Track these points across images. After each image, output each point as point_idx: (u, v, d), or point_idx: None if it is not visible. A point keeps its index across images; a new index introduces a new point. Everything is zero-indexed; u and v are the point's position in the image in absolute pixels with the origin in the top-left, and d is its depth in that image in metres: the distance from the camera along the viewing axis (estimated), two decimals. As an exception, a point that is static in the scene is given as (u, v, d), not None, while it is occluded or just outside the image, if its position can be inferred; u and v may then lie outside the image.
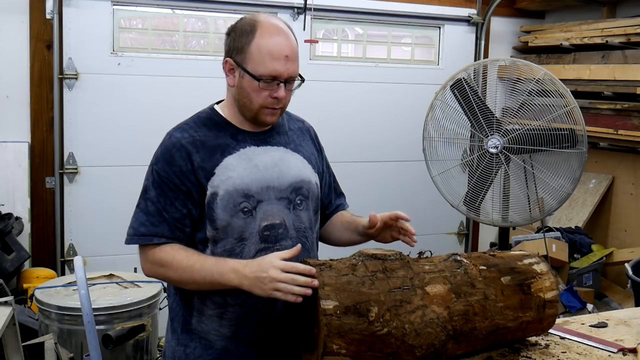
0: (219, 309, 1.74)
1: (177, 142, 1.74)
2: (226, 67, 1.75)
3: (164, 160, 1.73)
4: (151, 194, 1.73)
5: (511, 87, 3.64)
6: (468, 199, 3.75)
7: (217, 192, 1.70)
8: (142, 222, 1.72)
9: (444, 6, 4.84)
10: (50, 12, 3.80)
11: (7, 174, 3.83)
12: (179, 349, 1.81)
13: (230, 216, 1.70)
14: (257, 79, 1.68)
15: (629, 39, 4.09)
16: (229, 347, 1.75)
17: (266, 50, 1.67)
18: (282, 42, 1.69)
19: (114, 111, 4.05)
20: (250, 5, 4.28)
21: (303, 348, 1.65)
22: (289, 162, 1.80)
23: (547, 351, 1.77)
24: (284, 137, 1.84)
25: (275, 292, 1.54)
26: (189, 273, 1.66)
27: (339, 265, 1.57)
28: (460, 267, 1.69)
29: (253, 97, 1.71)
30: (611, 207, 4.63)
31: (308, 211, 1.81)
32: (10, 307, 2.34)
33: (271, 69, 1.67)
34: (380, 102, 4.73)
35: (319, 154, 1.95)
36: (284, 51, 1.68)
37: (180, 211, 1.71)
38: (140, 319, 3.11)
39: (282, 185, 1.76)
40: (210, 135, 1.76)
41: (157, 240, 1.71)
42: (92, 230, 4.04)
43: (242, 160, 1.74)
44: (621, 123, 4.12)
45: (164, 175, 1.72)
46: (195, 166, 1.71)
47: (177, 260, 1.68)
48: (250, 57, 1.68)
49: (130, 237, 1.75)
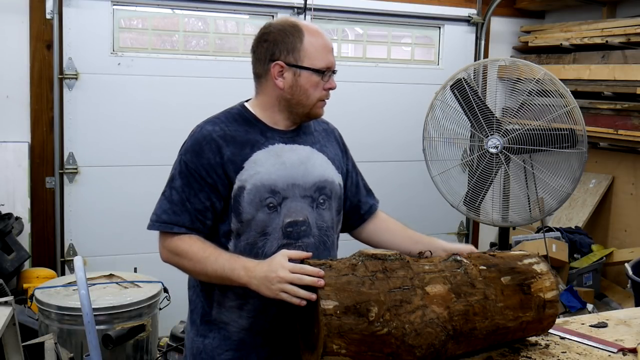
0: (239, 300, 1.77)
1: (207, 135, 1.77)
2: (274, 70, 1.78)
3: (192, 152, 1.76)
4: (177, 183, 1.76)
5: (511, 87, 3.64)
6: (468, 199, 3.75)
7: (245, 186, 1.75)
8: (165, 209, 1.76)
9: (444, 6, 4.84)
10: (50, 12, 3.80)
11: (7, 174, 3.83)
12: (197, 340, 1.85)
13: (255, 210, 1.74)
14: (319, 72, 1.77)
15: (629, 39, 4.09)
16: (246, 339, 1.79)
17: (320, 45, 1.78)
18: (326, 36, 1.82)
19: (114, 111, 4.05)
20: (250, 5, 4.28)
21: (303, 348, 1.65)
22: (314, 162, 1.85)
23: (547, 351, 1.77)
24: (310, 137, 1.89)
25: (281, 294, 1.56)
26: (203, 265, 1.70)
27: (339, 265, 1.58)
28: (460, 267, 1.69)
29: (311, 92, 1.78)
30: (611, 207, 4.63)
31: (330, 211, 1.85)
32: (10, 307, 2.34)
33: (327, 60, 1.78)
34: (380, 102, 4.73)
35: (344, 155, 2.00)
36: (330, 44, 1.82)
37: (203, 203, 1.74)
38: (140, 319, 3.11)
39: (307, 184, 1.80)
40: (241, 131, 1.80)
41: (177, 229, 1.74)
42: (92, 230, 4.04)
43: (270, 156, 1.79)
44: (621, 123, 4.12)
45: (191, 166, 1.75)
46: (225, 159, 1.75)
47: (193, 251, 1.71)
48: (306, 54, 1.76)
49: (152, 223, 1.78)
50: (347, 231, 2.05)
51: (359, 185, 2.04)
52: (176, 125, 4.08)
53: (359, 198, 2.02)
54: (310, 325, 1.59)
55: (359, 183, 2.05)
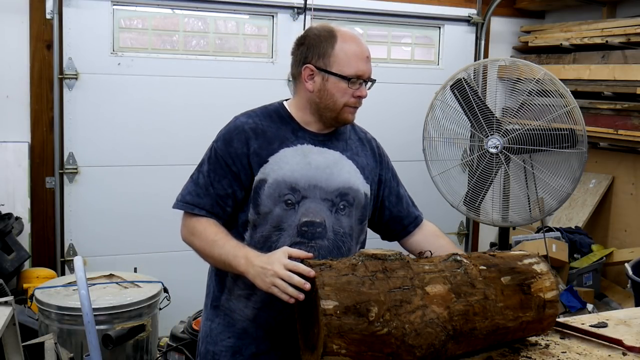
0: (248, 290, 1.82)
1: (240, 125, 1.85)
2: (305, 73, 1.84)
3: (223, 140, 1.84)
4: (204, 167, 1.85)
5: (511, 87, 3.64)
6: (468, 199, 3.75)
7: (267, 179, 1.80)
8: (190, 191, 1.85)
9: (444, 6, 4.84)
10: (50, 12, 3.81)
11: (7, 174, 3.83)
12: (206, 324, 1.93)
13: (273, 204, 1.79)
14: (346, 78, 1.80)
15: (629, 39, 4.09)
16: (249, 329, 1.85)
17: (352, 52, 1.81)
18: (363, 45, 1.84)
19: (114, 111, 4.05)
20: (250, 5, 4.28)
21: (303, 348, 1.65)
22: (341, 168, 1.88)
23: (547, 351, 1.77)
24: (343, 144, 1.92)
25: (272, 288, 1.60)
26: (210, 247, 1.77)
27: (339, 265, 1.58)
28: (460, 267, 1.69)
29: (337, 97, 1.82)
30: (611, 207, 4.63)
31: (350, 218, 1.87)
32: (10, 307, 2.34)
33: (357, 68, 1.81)
34: (380, 102, 4.72)
35: (378, 165, 2.02)
36: (365, 52, 1.83)
37: (226, 190, 1.82)
38: (140, 319, 3.11)
39: (330, 188, 1.83)
40: (273, 127, 1.86)
41: (197, 211, 1.82)
42: (92, 230, 4.04)
43: (297, 154, 1.83)
44: (621, 123, 4.12)
45: (220, 153, 1.83)
46: (251, 151, 1.81)
47: (206, 232, 1.79)
48: (335, 60, 1.80)
49: (176, 202, 1.86)
50: (392, 240, 2.10)
51: (401, 195, 2.07)
52: (176, 125, 4.10)
53: (399, 208, 2.05)
54: (310, 325, 1.59)
55: (400, 193, 2.08)
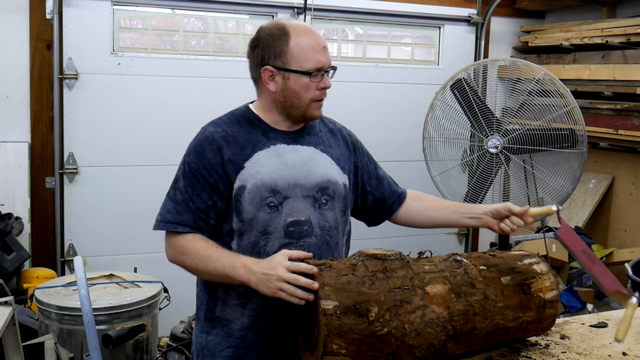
0: (242, 299, 1.79)
1: (209, 135, 1.81)
2: (265, 75, 1.80)
3: (195, 153, 1.80)
4: (180, 183, 1.80)
5: (511, 87, 3.64)
6: (468, 199, 3.75)
7: (246, 185, 1.76)
8: (169, 209, 1.79)
9: (444, 6, 4.84)
10: (50, 12, 3.80)
11: (7, 174, 3.83)
12: (201, 336, 1.88)
13: (256, 209, 1.76)
14: (307, 73, 1.76)
15: (629, 39, 4.09)
16: (247, 336, 1.82)
17: (307, 46, 1.76)
18: (317, 35, 1.80)
19: (114, 111, 4.04)
20: (250, 5, 4.28)
21: (303, 348, 1.65)
22: (317, 162, 1.85)
23: (547, 351, 1.77)
24: (315, 138, 1.90)
25: (279, 292, 1.58)
26: (204, 263, 1.72)
27: (339, 265, 1.58)
28: (460, 267, 1.69)
29: (302, 93, 1.78)
30: (611, 207, 4.63)
31: (334, 211, 1.85)
32: (10, 307, 2.34)
33: (316, 61, 1.76)
34: (380, 102, 4.73)
35: (352, 153, 1.98)
36: (320, 43, 1.79)
37: (206, 202, 1.77)
38: (140, 319, 3.11)
39: (309, 184, 1.81)
40: (243, 132, 1.82)
41: (180, 228, 1.76)
42: (92, 230, 4.04)
43: (271, 156, 1.80)
44: (621, 123, 4.12)
45: (194, 167, 1.78)
46: (225, 159, 1.77)
47: (196, 249, 1.74)
48: (292, 57, 1.76)
49: (157, 223, 1.80)
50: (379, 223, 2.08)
51: (381, 177, 2.04)
52: (176, 125, 4.09)
53: (382, 190, 2.03)
54: (310, 325, 1.59)
55: (380, 175, 2.05)
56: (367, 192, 2.00)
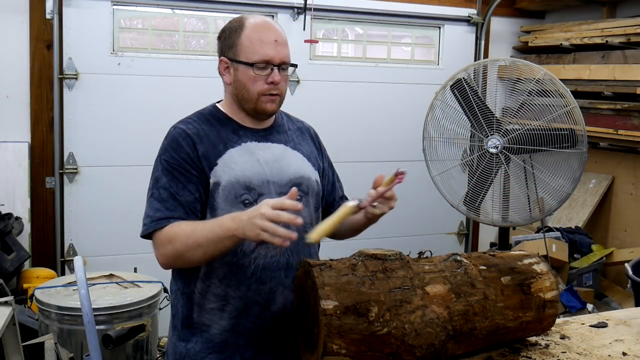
0: (220, 302, 1.76)
1: (182, 131, 1.79)
2: (221, 67, 1.82)
3: (171, 149, 1.77)
4: (162, 181, 1.75)
5: (511, 87, 3.64)
6: (468, 199, 3.75)
7: (220, 182, 1.74)
8: (158, 208, 1.73)
9: (444, 6, 4.84)
10: (50, 12, 3.81)
11: (7, 174, 3.83)
12: (180, 345, 1.83)
13: (230, 206, 1.73)
14: (250, 64, 1.75)
15: (629, 39, 4.09)
16: (229, 340, 1.78)
17: (256, 39, 1.76)
18: (271, 29, 1.78)
19: (114, 111, 4.05)
20: (250, 5, 4.28)
21: (303, 348, 1.65)
22: (288, 159, 1.84)
23: (547, 351, 1.77)
24: (284, 136, 1.89)
25: (262, 233, 1.51)
26: (193, 237, 1.64)
27: (339, 265, 1.57)
28: (460, 267, 1.69)
29: (249, 86, 1.77)
30: (611, 207, 4.63)
31: (308, 207, 1.84)
32: (10, 307, 2.34)
33: (262, 53, 1.75)
34: (380, 102, 4.73)
35: (319, 153, 1.99)
36: (272, 36, 1.77)
37: (193, 194, 1.74)
38: (140, 319, 3.11)
39: (282, 181, 1.79)
40: (213, 130, 1.81)
41: (174, 221, 1.70)
42: (92, 230, 4.04)
43: (244, 153, 1.79)
44: (621, 123, 4.12)
45: (172, 162, 1.75)
46: (200, 154, 1.75)
47: (182, 229, 1.67)
48: (242, 49, 1.77)
49: (147, 226, 1.73)
50: None
51: (335, 185, 2.04)
52: (176, 125, 4.10)
53: (334, 197, 2.02)
54: (310, 325, 1.59)
55: (335, 183, 2.04)
56: (322, 196, 1.96)
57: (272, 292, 1.75)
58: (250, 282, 1.74)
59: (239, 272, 1.74)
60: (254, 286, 1.74)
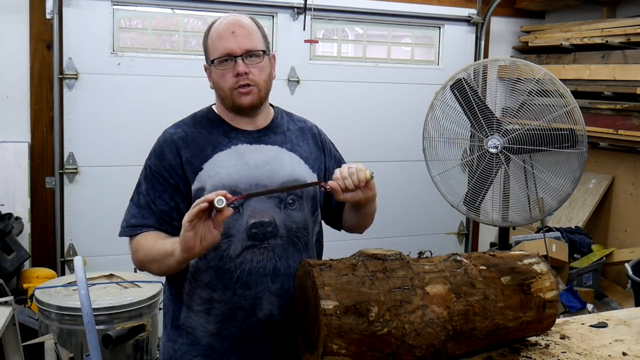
0: (205, 305, 1.76)
1: (168, 137, 1.81)
2: (206, 73, 1.85)
3: (155, 155, 1.81)
4: (143, 187, 1.80)
5: (511, 87, 3.64)
6: (468, 199, 3.75)
7: (205, 187, 1.73)
8: (134, 214, 1.78)
9: (444, 6, 4.84)
10: (50, 12, 3.81)
11: (7, 174, 3.83)
12: (168, 345, 1.83)
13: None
14: (212, 62, 1.76)
15: (629, 39, 4.09)
16: (214, 344, 1.77)
17: (215, 36, 1.78)
18: (230, 23, 1.78)
19: (113, 111, 4.05)
20: (250, 5, 4.28)
21: (303, 348, 1.65)
22: (282, 161, 1.81)
23: (547, 351, 1.77)
24: (281, 137, 1.86)
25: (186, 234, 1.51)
26: (151, 252, 1.69)
27: (339, 265, 1.57)
28: (460, 267, 1.69)
29: (221, 83, 1.78)
30: (611, 207, 4.63)
31: (302, 211, 1.81)
32: (10, 307, 2.34)
33: (222, 48, 1.75)
34: (380, 102, 4.73)
35: (322, 152, 1.94)
36: (229, 29, 1.76)
37: (168, 204, 1.75)
38: (140, 319, 3.11)
39: (273, 184, 1.76)
40: (204, 132, 1.81)
41: (145, 230, 1.75)
42: (92, 230, 4.04)
43: (232, 157, 1.77)
44: (621, 123, 4.12)
45: (154, 169, 1.79)
46: (184, 160, 1.76)
47: (145, 241, 1.72)
48: (209, 51, 1.80)
49: (122, 230, 1.79)
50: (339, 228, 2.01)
51: None
52: (176, 125, 4.10)
53: None
54: (310, 325, 1.59)
55: None
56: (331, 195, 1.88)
57: (257, 297, 1.72)
58: (236, 287, 1.72)
59: (224, 276, 1.73)
60: (239, 291, 1.72)
